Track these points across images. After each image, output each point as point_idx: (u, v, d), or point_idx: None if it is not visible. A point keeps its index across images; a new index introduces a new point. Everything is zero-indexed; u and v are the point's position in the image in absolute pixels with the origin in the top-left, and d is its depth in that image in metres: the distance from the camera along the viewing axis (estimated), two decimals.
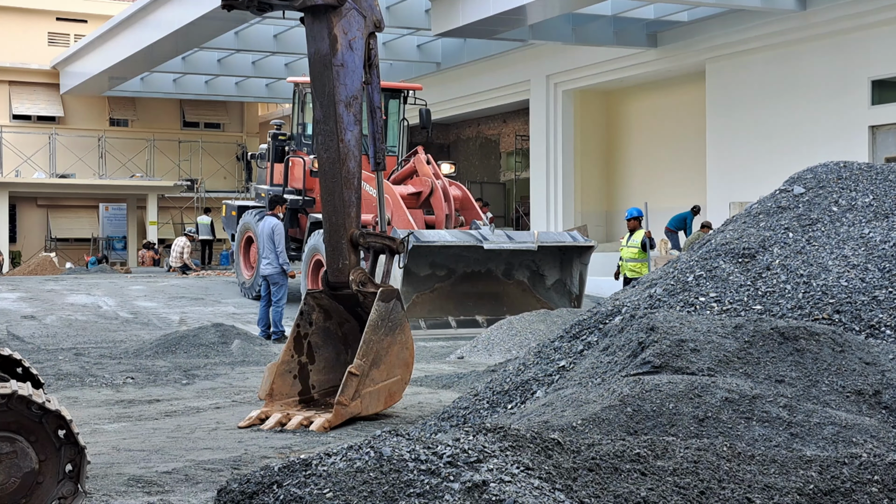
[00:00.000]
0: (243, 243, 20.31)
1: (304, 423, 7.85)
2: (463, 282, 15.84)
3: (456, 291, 15.79)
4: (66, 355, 12.97)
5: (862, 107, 20.92)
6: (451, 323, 15.63)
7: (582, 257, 16.40)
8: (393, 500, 3.51)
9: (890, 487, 4.00)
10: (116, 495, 5.55)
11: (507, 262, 16.06)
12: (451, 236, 15.42)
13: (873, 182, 7.66)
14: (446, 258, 15.36)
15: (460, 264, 15.68)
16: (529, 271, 16.38)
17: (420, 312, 15.39)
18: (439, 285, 15.66)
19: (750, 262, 6.89)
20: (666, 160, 27.90)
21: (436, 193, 17.15)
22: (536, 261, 16.30)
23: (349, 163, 8.27)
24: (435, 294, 15.55)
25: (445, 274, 15.65)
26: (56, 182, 37.01)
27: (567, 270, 16.46)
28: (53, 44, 39.07)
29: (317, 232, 17.55)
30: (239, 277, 20.59)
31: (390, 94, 19.38)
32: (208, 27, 25.93)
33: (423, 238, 14.93)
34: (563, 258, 16.46)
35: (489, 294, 16.05)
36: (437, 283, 15.62)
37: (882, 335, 6.00)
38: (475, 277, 15.92)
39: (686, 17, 24.03)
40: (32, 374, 5.40)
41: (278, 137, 19.68)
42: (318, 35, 8.16)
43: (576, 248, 16.34)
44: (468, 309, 15.90)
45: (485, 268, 15.93)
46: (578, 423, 4.62)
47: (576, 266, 16.39)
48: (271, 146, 19.86)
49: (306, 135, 19.45)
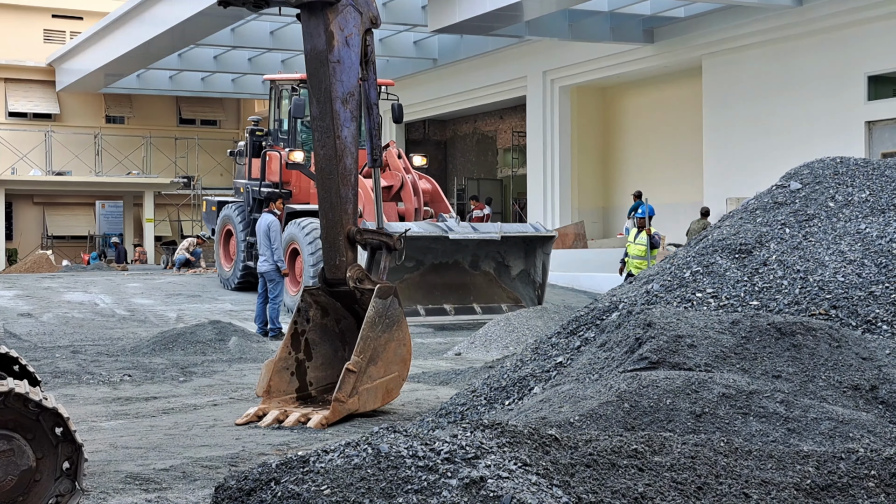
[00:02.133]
0: (223, 237, 20.97)
1: (301, 419, 7.85)
2: (431, 273, 16.31)
3: (424, 282, 16.24)
4: (63, 353, 12.96)
5: (858, 102, 20.93)
6: (420, 311, 16.03)
7: (544, 247, 16.79)
8: (390, 496, 3.51)
9: (886, 482, 4.01)
10: (114, 493, 5.55)
11: (474, 253, 16.55)
12: (418, 227, 15.79)
13: (870, 177, 7.67)
14: (415, 250, 15.64)
15: (429, 256, 16.12)
16: (495, 262, 16.81)
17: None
18: (408, 276, 16.01)
19: (747, 258, 6.90)
20: (662, 156, 27.91)
21: (405, 187, 17.69)
22: (502, 252, 16.74)
23: (346, 159, 8.26)
24: (404, 284, 15.77)
25: (414, 265, 16.02)
26: (52, 179, 36.97)
27: (531, 261, 16.85)
28: (49, 41, 39.02)
29: (292, 222, 18.15)
30: (219, 270, 21.27)
31: None
32: (204, 24, 25.90)
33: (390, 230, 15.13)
34: (528, 249, 16.87)
35: (457, 284, 16.52)
36: (406, 273, 15.96)
37: (879, 330, 6.01)
38: (443, 269, 16.40)
39: (682, 13, 24.03)
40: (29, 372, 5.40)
41: (255, 133, 20.24)
42: (315, 32, 8.15)
43: (538, 238, 16.78)
44: (436, 299, 16.34)
45: (452, 259, 16.42)
46: (576, 419, 4.62)
47: (538, 256, 16.79)
48: (248, 142, 20.45)
49: (282, 130, 19.90)
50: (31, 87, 38.57)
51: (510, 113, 33.16)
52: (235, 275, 20.35)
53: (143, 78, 34.94)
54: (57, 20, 39.36)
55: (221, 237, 21.08)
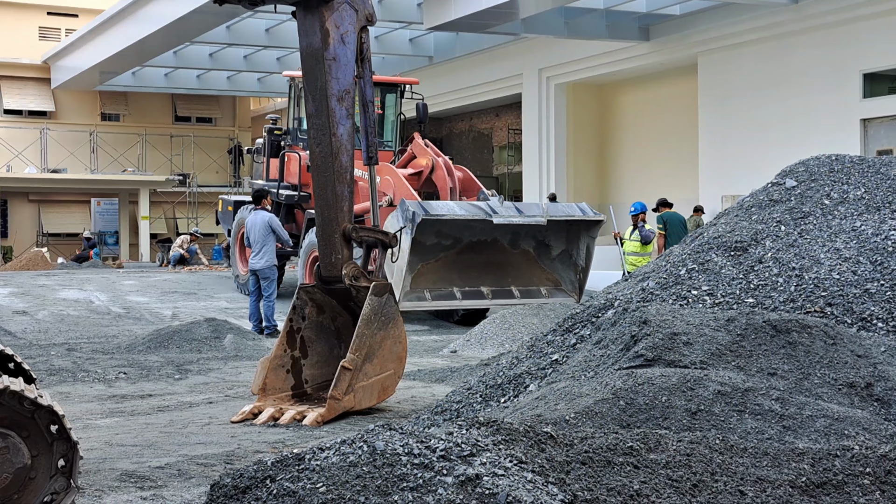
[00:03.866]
0: (239, 239, 20.01)
1: (297, 417, 7.85)
2: (468, 251, 15.57)
3: (461, 261, 15.53)
4: (59, 350, 12.95)
5: (853, 100, 20.95)
6: (456, 294, 15.40)
7: (590, 231, 16.13)
8: (386, 493, 3.51)
9: (882, 479, 4.01)
10: (109, 490, 5.55)
11: (514, 231, 15.78)
12: (460, 209, 15.14)
13: (865, 175, 7.68)
14: (452, 227, 15.14)
15: (466, 233, 15.41)
16: (535, 241, 16.08)
17: (425, 283, 15.20)
18: (444, 255, 15.37)
19: (742, 256, 6.90)
20: (658, 153, 27.93)
21: (438, 168, 17.00)
22: (543, 231, 16.03)
23: (342, 157, 8.25)
24: (440, 263, 15.27)
25: (451, 243, 15.37)
26: (47, 177, 36.93)
27: (573, 242, 16.19)
28: (44, 38, 38.96)
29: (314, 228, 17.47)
30: (234, 272, 20.45)
31: (387, 89, 19.20)
32: (200, 21, 25.88)
33: (431, 211, 14.72)
34: (570, 230, 16.16)
35: (494, 264, 15.76)
36: (442, 252, 15.33)
37: (874, 328, 6.02)
38: (481, 247, 15.64)
39: (678, 11, 24.04)
40: (24, 370, 5.39)
41: (274, 132, 19.44)
42: (310, 29, 8.14)
43: (584, 222, 16.07)
44: (473, 280, 15.64)
45: (491, 237, 15.65)
46: (571, 416, 4.62)
47: (583, 239, 16.11)
48: (267, 141, 19.65)
49: (302, 129, 19.20)
50: (26, 84, 38.51)
51: (506, 110, 33.16)
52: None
53: (139, 75, 34.91)
54: (52, 17, 39.31)
55: (238, 239, 20.00)
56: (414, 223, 14.40)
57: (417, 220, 14.40)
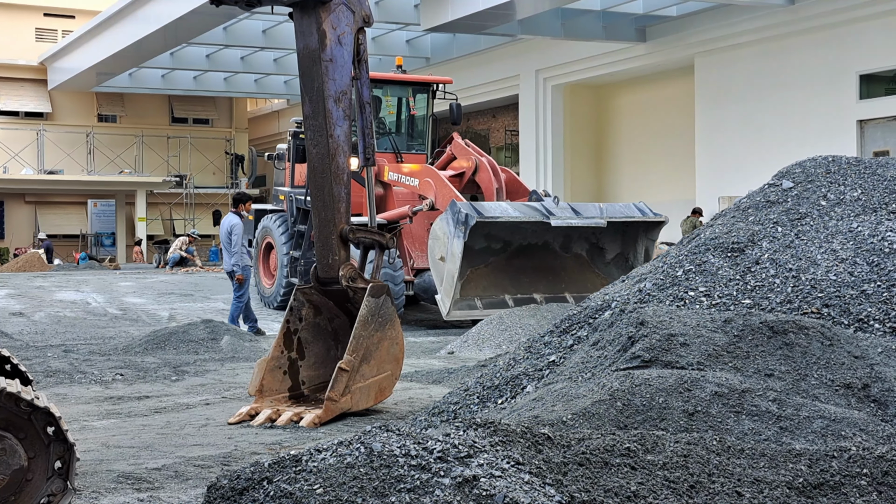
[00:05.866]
0: (263, 250, 18.94)
1: (294, 418, 7.84)
2: (519, 255, 14.75)
3: (511, 266, 14.70)
4: (55, 352, 12.93)
5: (850, 101, 20.98)
6: (509, 302, 14.41)
7: (650, 233, 15.28)
8: (383, 495, 3.51)
9: (879, 480, 4.01)
10: (106, 492, 5.54)
11: (566, 234, 14.95)
12: (515, 210, 14.32)
13: (861, 176, 7.69)
14: (503, 230, 14.32)
15: (517, 237, 14.60)
16: (589, 244, 15.28)
17: (475, 290, 14.37)
18: (494, 259, 14.58)
19: (739, 257, 6.91)
20: (655, 154, 27.95)
21: (482, 169, 16.25)
22: (597, 234, 15.22)
23: (338, 158, 8.25)
24: (489, 269, 14.49)
25: (501, 247, 14.58)
26: (44, 178, 36.92)
27: (630, 245, 15.28)
28: (41, 39, 38.96)
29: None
30: (259, 287, 18.97)
31: (418, 88, 18.65)
32: (197, 22, 25.88)
33: (485, 213, 13.91)
34: (627, 231, 15.30)
35: (546, 268, 14.92)
36: (492, 256, 14.55)
37: (871, 329, 6.02)
38: (532, 250, 14.82)
39: (675, 12, 24.07)
40: (21, 371, 5.38)
41: (299, 136, 17.96)
42: (307, 30, 8.14)
43: (642, 223, 15.18)
44: (524, 286, 14.76)
45: (542, 240, 14.84)
46: (568, 417, 4.62)
47: (641, 241, 15.26)
48: (292, 146, 18.53)
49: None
50: (22, 85, 38.51)
51: (503, 111, 33.18)
52: (278, 292, 18.02)
53: (136, 76, 34.90)
54: (49, 19, 39.31)
55: (261, 251, 18.90)
56: (467, 226, 13.57)
57: (471, 222, 13.55)
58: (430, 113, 18.91)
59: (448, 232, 13.87)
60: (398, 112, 18.96)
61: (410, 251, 16.50)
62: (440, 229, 14.02)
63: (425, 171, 16.30)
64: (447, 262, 13.95)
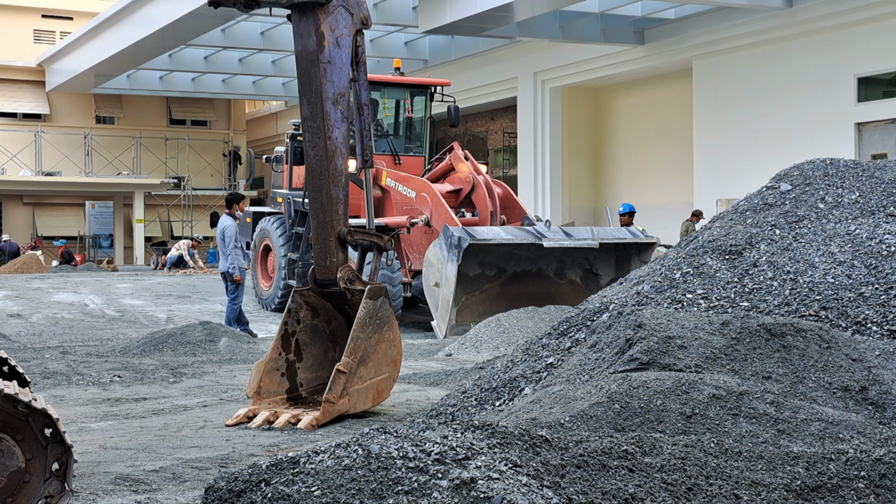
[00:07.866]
0: (260, 252, 19.00)
1: (291, 420, 7.84)
2: (513, 282, 14.91)
3: (506, 292, 14.80)
4: (53, 353, 12.92)
5: (848, 104, 21.00)
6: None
7: (641, 255, 15.35)
8: (381, 497, 3.51)
9: (876, 483, 4.02)
10: (103, 494, 5.54)
11: (560, 260, 15.12)
12: (507, 234, 14.49)
13: (859, 179, 7.69)
14: (496, 257, 14.47)
15: (511, 263, 14.79)
16: (583, 270, 15.45)
17: (471, 316, 14.45)
18: (489, 286, 14.72)
19: (737, 259, 6.91)
20: (653, 157, 27.97)
21: (478, 189, 16.19)
22: (590, 259, 15.38)
23: (336, 160, 8.26)
24: (484, 295, 14.60)
25: (495, 273, 14.74)
26: (42, 180, 36.91)
27: (624, 268, 15.34)
28: (39, 41, 38.95)
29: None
30: (257, 290, 19.14)
31: (416, 90, 18.66)
32: (195, 24, 25.88)
33: (477, 236, 14.04)
34: (620, 255, 15.49)
35: (541, 294, 14.98)
36: (487, 283, 14.71)
37: (868, 331, 6.03)
38: (526, 277, 15.01)
39: (673, 15, 24.09)
40: (18, 373, 5.38)
41: (297, 138, 18.06)
42: (306, 32, 8.14)
43: (634, 245, 15.38)
44: None
45: (536, 267, 15.03)
46: (566, 419, 4.62)
47: (634, 263, 15.32)
48: (290, 148, 18.61)
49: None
50: (20, 87, 38.50)
51: (501, 114, 33.19)
52: (276, 294, 18.21)
53: (134, 78, 34.90)
54: (47, 20, 39.30)
55: (259, 253, 18.96)
56: (460, 249, 13.72)
57: (464, 244, 13.69)
58: (429, 115, 18.96)
59: (441, 257, 13.98)
60: (396, 114, 18.95)
61: (408, 253, 16.52)
62: (434, 255, 14.09)
63: (421, 184, 16.27)
64: (442, 286, 14.06)
